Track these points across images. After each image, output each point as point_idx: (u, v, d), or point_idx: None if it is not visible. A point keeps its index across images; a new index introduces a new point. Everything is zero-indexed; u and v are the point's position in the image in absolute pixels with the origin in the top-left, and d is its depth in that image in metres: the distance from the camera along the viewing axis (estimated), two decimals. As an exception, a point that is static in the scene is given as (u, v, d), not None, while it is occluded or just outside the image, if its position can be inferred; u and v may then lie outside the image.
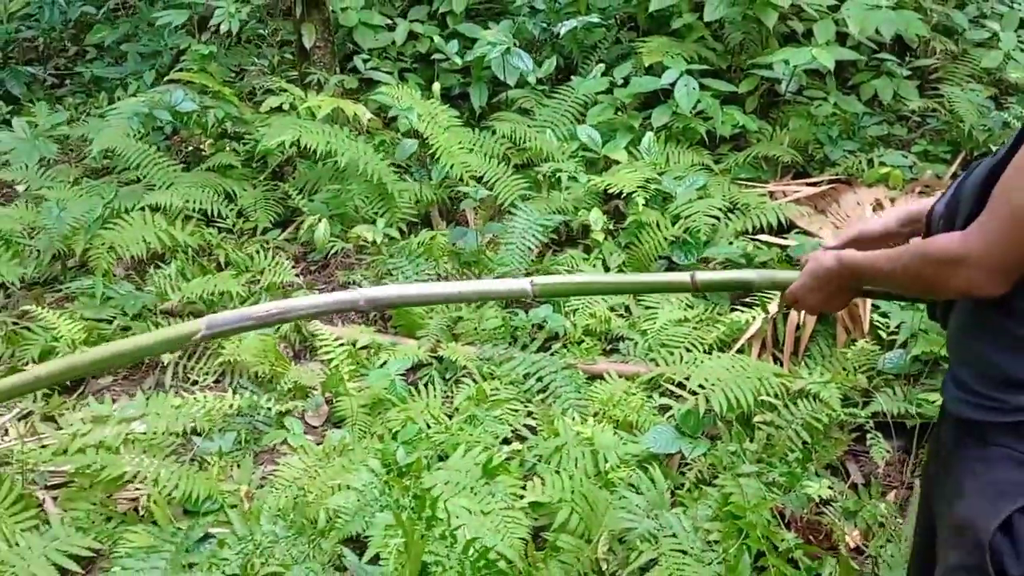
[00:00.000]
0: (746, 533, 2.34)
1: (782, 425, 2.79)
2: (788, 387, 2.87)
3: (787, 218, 3.69)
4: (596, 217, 3.78)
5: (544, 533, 2.49)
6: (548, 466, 2.70)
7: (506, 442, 2.90)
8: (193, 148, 5.01)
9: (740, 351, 3.14)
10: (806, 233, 3.64)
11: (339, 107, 4.39)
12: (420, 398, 3.10)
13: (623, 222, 3.90)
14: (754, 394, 2.76)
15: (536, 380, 3.18)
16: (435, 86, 4.59)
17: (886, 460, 2.77)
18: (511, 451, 2.80)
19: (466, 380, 3.23)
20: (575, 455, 2.72)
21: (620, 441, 2.75)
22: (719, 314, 3.33)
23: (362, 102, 4.66)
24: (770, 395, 2.81)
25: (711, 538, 2.43)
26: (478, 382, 3.17)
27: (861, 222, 1.84)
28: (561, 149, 4.24)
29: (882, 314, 3.14)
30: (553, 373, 3.18)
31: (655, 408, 2.96)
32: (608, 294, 3.33)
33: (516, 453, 2.80)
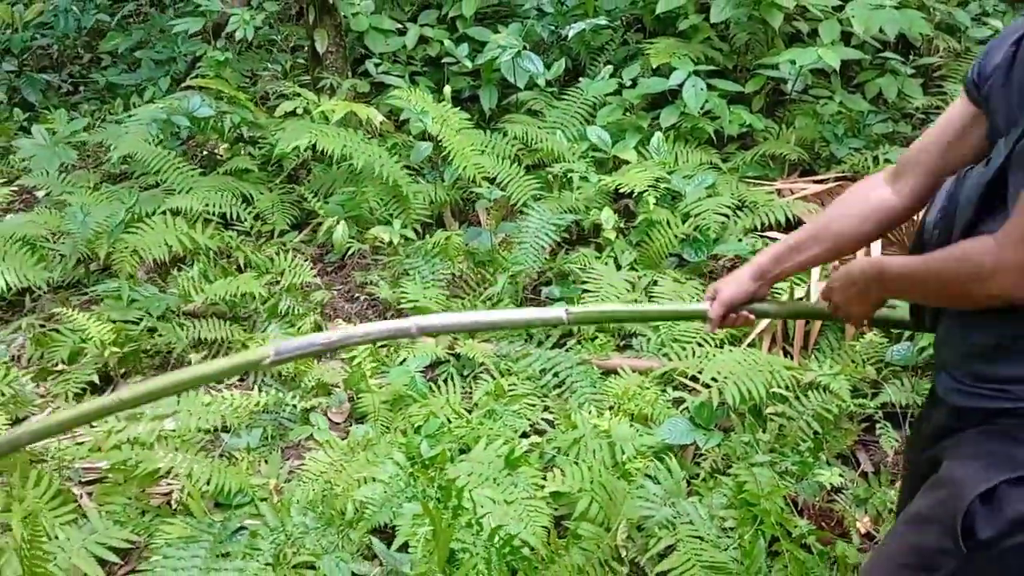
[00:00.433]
0: (760, 520, 2.43)
1: (793, 416, 2.87)
2: (799, 379, 2.95)
3: (795, 215, 3.77)
4: (607, 216, 3.86)
5: (565, 521, 2.58)
6: (567, 458, 2.78)
7: (525, 435, 2.98)
8: (208, 153, 5.10)
9: (751, 345, 3.22)
10: (813, 229, 3.71)
11: (352, 111, 4.48)
12: (440, 394, 3.18)
13: (634, 221, 3.98)
14: (766, 386, 2.85)
15: (552, 376, 3.27)
16: (446, 89, 4.68)
17: (895, 449, 2.85)
18: (530, 444, 2.89)
19: (484, 376, 3.32)
20: (592, 447, 2.80)
21: (636, 433, 2.83)
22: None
23: (374, 105, 4.76)
24: (781, 387, 2.89)
25: (726, 525, 2.51)
26: (496, 378, 3.26)
27: (724, 284, 1.85)
28: (571, 150, 4.33)
29: (889, 306, 3.21)
30: (568, 369, 3.27)
31: (669, 401, 3.05)
32: (637, 322, 3.35)
33: (535, 446, 2.89)
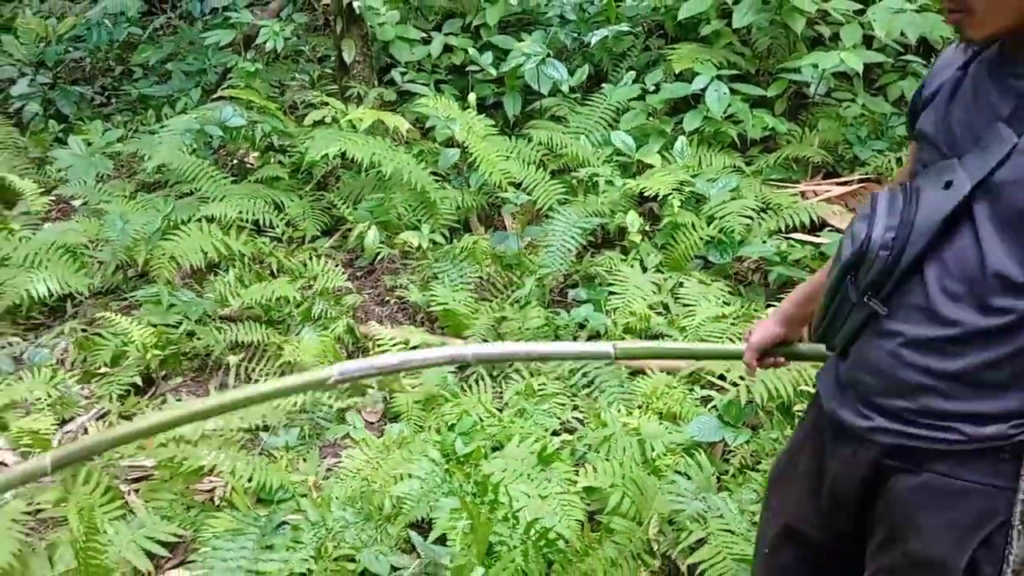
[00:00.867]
0: (789, 513, 2.48)
1: (820, 413, 2.92)
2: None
3: (819, 217, 3.83)
4: (633, 219, 3.93)
5: (598, 516, 2.64)
6: (598, 455, 2.85)
7: (555, 434, 3.05)
8: (239, 161, 5.21)
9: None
10: (838, 231, 3.77)
11: (379, 119, 4.58)
12: (471, 393, 3.26)
13: (658, 224, 4.05)
14: (793, 385, 2.90)
15: (581, 376, 3.34)
16: (471, 96, 4.76)
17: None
18: (562, 441, 2.96)
19: (513, 376, 3.39)
20: (623, 444, 2.87)
21: (665, 431, 2.89)
22: (755, 310, 3.47)
23: (400, 114, 4.85)
24: (808, 385, 2.94)
25: (756, 519, 2.56)
26: (525, 378, 3.33)
27: (755, 329, 1.87)
28: (596, 154, 4.40)
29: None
30: (597, 369, 3.33)
31: (697, 400, 3.11)
32: (681, 359, 3.28)
33: (567, 443, 2.96)
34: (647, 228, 4.03)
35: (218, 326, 3.70)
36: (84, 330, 3.79)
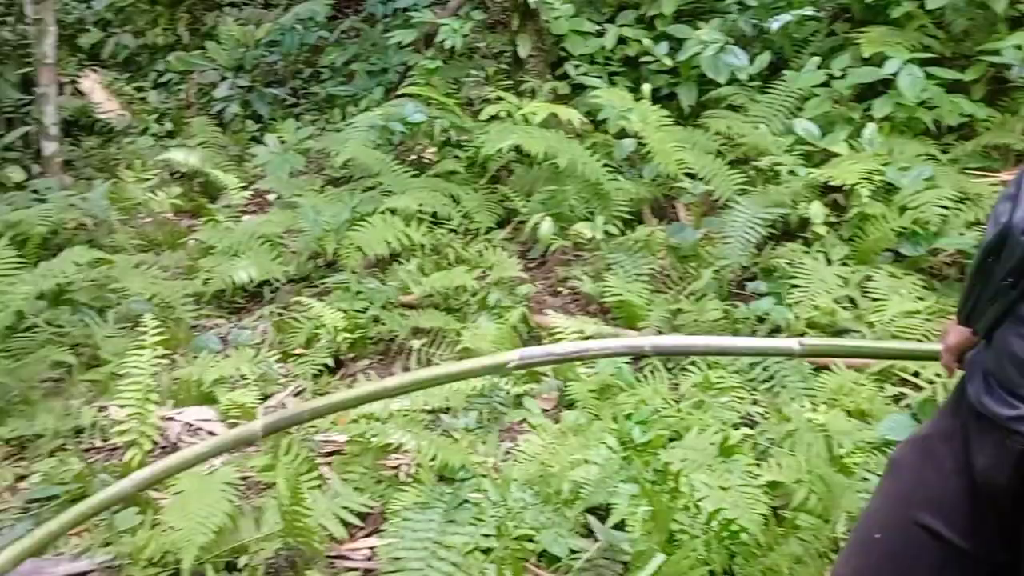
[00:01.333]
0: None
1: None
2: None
3: None
4: (817, 210, 3.79)
5: (781, 511, 2.58)
6: (781, 449, 2.78)
7: (735, 427, 2.99)
8: (417, 156, 5.41)
9: (977, 341, 3.08)
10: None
11: (553, 112, 4.63)
12: (647, 383, 3.25)
13: (844, 215, 3.89)
14: (995, 383, 2.72)
15: (761, 369, 3.26)
16: (645, 87, 4.73)
17: None
18: (743, 434, 2.90)
19: (690, 368, 3.35)
20: (807, 440, 2.78)
21: (854, 428, 2.78)
22: (952, 305, 3.27)
23: (573, 106, 4.89)
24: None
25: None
26: (703, 370, 3.28)
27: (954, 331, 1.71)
28: (776, 144, 4.27)
29: None
30: (777, 363, 3.25)
31: (888, 398, 2.97)
32: (870, 358, 3.13)
33: (747, 436, 2.90)
34: (832, 219, 3.88)
35: (401, 312, 3.87)
36: (281, 314, 4.05)
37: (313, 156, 5.74)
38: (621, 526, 2.50)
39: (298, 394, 3.45)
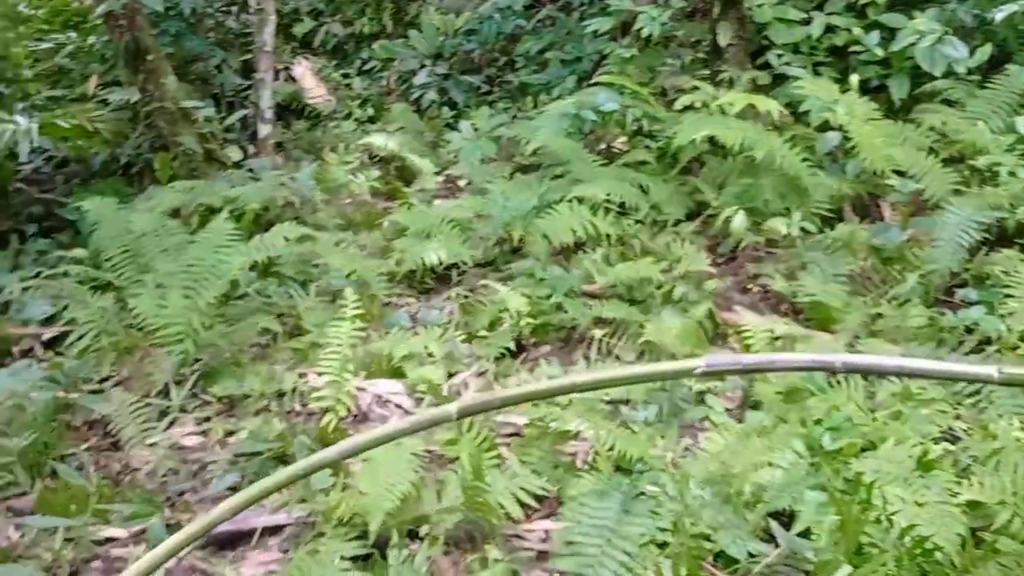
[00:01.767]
0: None
1: None
2: None
3: None
4: (1040, 214, 3.48)
5: (982, 533, 2.40)
6: (984, 468, 2.58)
7: (935, 441, 2.80)
8: (607, 146, 5.40)
9: None
10: None
11: (751, 103, 4.49)
12: (840, 389, 3.10)
13: (1071, 220, 3.56)
14: None
15: (966, 383, 3.03)
16: (852, 78, 4.51)
17: None
18: (943, 449, 2.71)
19: (889, 376, 3.16)
20: (1015, 460, 2.56)
21: (1074, 452, 2.54)
22: None
23: (773, 97, 4.72)
24: None
25: None
26: (902, 380, 3.09)
27: None
28: (996, 142, 3.96)
29: None
30: (987, 377, 3.01)
31: (1118, 423, 2.69)
32: None
33: (948, 452, 2.71)
34: (1058, 225, 3.56)
35: (584, 301, 3.88)
36: (467, 296, 4.17)
37: (504, 143, 5.84)
38: (805, 534, 2.41)
39: (481, 375, 3.54)
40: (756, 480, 2.64)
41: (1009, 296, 3.30)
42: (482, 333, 3.79)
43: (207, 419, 3.36)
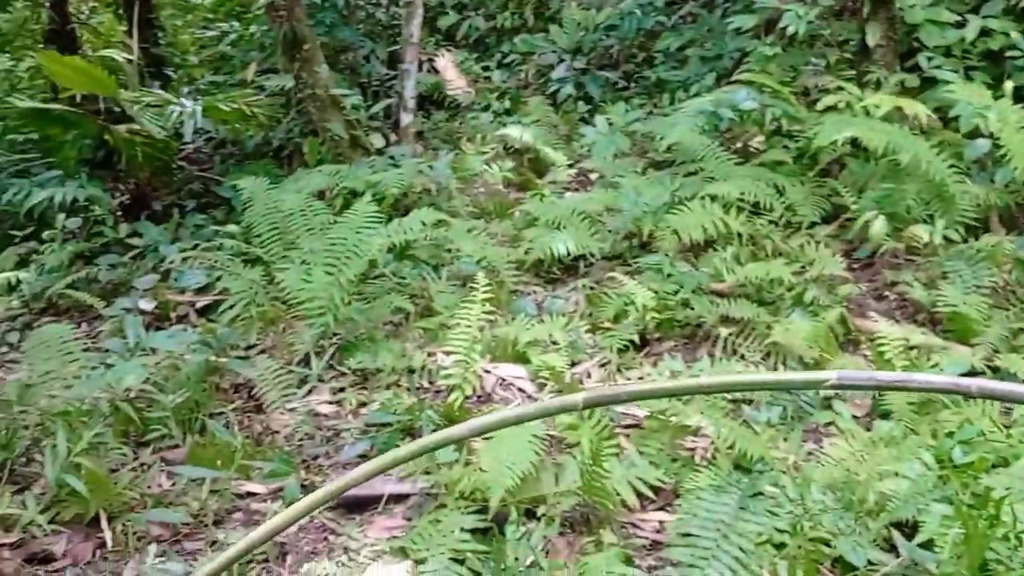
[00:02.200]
0: None
1: None
2: None
3: None
4: None
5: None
6: None
7: (1076, 464, 2.68)
8: (743, 144, 5.34)
9: None
10: None
11: (897, 106, 4.36)
12: (975, 404, 2.99)
13: None
14: None
15: (1117, 406, 2.88)
16: (1007, 84, 4.31)
17: None
18: (1085, 473, 2.59)
19: (1029, 395, 3.04)
20: None
21: None
22: None
23: (921, 101, 4.56)
24: None
25: None
26: (1044, 398, 2.96)
27: None
28: None
29: None
30: None
31: None
32: None
33: (1091, 476, 2.58)
34: None
35: (711, 299, 3.87)
36: (593, 288, 4.22)
37: (638, 139, 5.86)
38: (928, 545, 2.36)
39: (603, 366, 3.59)
40: (881, 489, 2.60)
41: None
42: (606, 325, 3.84)
43: (342, 389, 3.55)
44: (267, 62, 6.72)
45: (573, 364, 3.61)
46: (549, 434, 3.01)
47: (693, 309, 3.83)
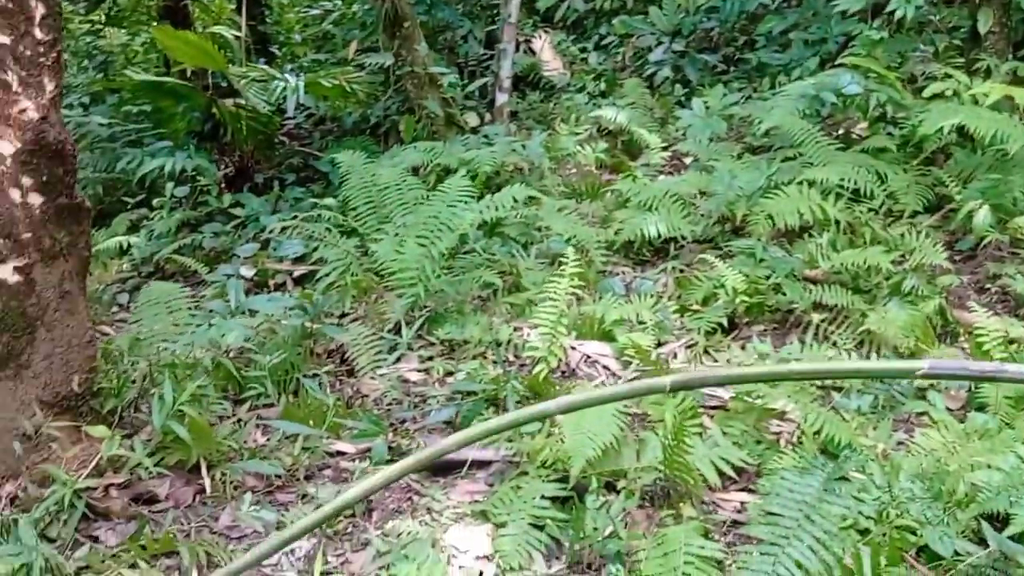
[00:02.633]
0: None
1: None
2: None
3: None
4: None
5: None
6: None
7: None
8: (845, 130, 5.21)
9: None
10: None
11: (1008, 95, 4.19)
12: (1079, 401, 2.89)
13: None
14: None
15: None
16: None
17: None
18: None
19: None
20: None
21: None
22: None
23: (1035, 89, 4.37)
24: None
25: None
26: None
27: None
28: None
29: None
30: None
31: None
32: None
33: None
34: None
35: (804, 285, 3.81)
36: (683, 270, 4.20)
37: (736, 123, 5.78)
38: (1020, 538, 2.29)
39: (690, 347, 3.58)
40: (972, 480, 2.53)
41: None
42: (695, 307, 3.82)
43: (430, 358, 3.63)
44: (368, 41, 6.86)
45: (659, 344, 3.60)
46: (632, 411, 3.02)
47: (785, 294, 3.78)
